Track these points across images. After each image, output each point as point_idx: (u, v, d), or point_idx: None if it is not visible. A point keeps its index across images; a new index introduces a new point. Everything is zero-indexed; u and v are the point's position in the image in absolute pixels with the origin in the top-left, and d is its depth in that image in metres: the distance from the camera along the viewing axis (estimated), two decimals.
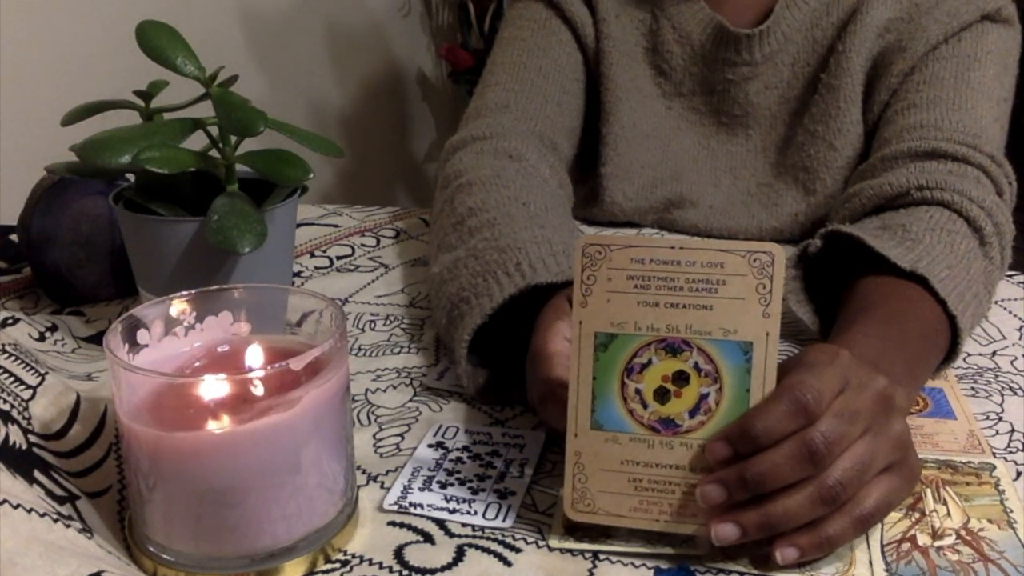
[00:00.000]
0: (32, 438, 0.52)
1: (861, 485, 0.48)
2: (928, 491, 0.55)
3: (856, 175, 0.85)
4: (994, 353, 0.73)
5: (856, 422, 0.48)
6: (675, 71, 0.97)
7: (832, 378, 0.48)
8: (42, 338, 0.72)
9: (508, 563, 0.50)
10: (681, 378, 0.49)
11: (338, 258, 0.95)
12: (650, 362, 0.49)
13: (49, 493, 0.50)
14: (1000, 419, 0.63)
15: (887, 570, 0.49)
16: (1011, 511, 0.53)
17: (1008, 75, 0.87)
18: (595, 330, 0.50)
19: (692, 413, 0.49)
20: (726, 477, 0.47)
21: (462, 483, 0.56)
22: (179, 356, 0.52)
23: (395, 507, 0.54)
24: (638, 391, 0.49)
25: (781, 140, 0.95)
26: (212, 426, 0.46)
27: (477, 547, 0.51)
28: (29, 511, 0.45)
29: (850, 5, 0.90)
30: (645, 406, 0.49)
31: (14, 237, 0.90)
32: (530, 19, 0.98)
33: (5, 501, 0.45)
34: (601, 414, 0.50)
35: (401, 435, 0.62)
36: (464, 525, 0.53)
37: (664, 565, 0.49)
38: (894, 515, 0.53)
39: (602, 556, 0.50)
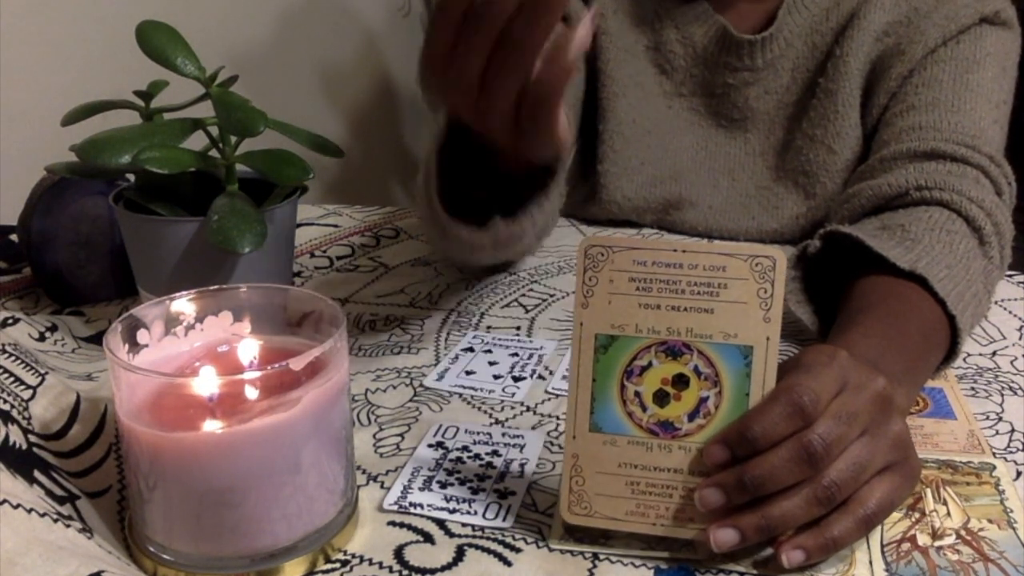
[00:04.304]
0: (32, 438, 0.52)
1: (858, 485, 0.48)
2: (928, 491, 0.55)
3: (855, 176, 0.85)
4: (994, 353, 0.73)
5: (854, 423, 0.47)
6: (677, 71, 0.97)
7: (830, 379, 0.48)
8: (42, 338, 0.72)
9: (508, 563, 0.49)
10: (681, 381, 0.49)
11: (338, 258, 0.95)
12: (650, 365, 0.49)
13: (49, 493, 0.49)
14: (1000, 419, 0.63)
15: (887, 570, 0.49)
16: (1011, 511, 0.53)
17: (1007, 77, 0.87)
18: (596, 331, 0.49)
19: (691, 416, 0.49)
20: (724, 481, 0.47)
21: (462, 483, 0.56)
22: (179, 356, 0.52)
23: (395, 507, 0.54)
24: (637, 394, 0.49)
25: (780, 144, 0.95)
26: (212, 426, 0.46)
27: (477, 547, 0.51)
28: (29, 511, 0.45)
29: (849, 10, 0.90)
30: (644, 409, 0.49)
31: (14, 237, 0.90)
32: None
33: (5, 501, 0.45)
34: (600, 416, 0.49)
35: (401, 435, 0.62)
36: (464, 525, 0.53)
37: (664, 565, 0.49)
38: (894, 515, 0.53)
39: (602, 556, 0.50)
